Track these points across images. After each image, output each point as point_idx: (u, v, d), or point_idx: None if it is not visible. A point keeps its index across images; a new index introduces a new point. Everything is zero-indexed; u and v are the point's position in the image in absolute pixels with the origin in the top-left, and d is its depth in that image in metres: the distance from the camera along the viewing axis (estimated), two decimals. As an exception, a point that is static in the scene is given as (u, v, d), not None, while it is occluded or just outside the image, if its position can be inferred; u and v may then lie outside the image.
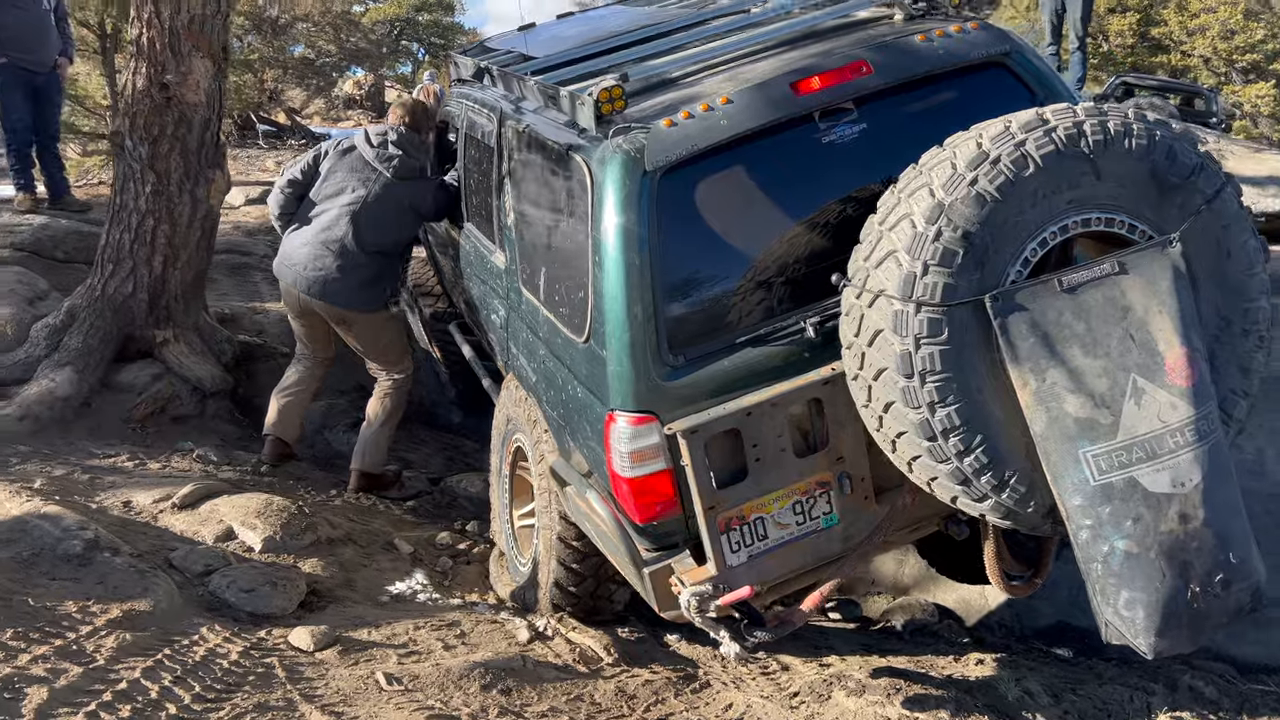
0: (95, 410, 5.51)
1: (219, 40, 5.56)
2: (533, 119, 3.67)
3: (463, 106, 4.90)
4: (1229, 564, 2.52)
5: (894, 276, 2.56)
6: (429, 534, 4.87)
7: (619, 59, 3.62)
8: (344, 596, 3.99)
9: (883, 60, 3.14)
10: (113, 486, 4.53)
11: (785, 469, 2.97)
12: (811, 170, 3.13)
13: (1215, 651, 4.32)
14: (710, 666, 3.70)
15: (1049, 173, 2.53)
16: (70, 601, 3.35)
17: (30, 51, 7.15)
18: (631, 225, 2.94)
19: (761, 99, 3.07)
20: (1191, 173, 2.60)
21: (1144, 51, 28.60)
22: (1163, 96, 16.14)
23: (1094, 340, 2.51)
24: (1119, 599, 2.51)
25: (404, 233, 5.07)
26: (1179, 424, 2.50)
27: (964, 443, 2.56)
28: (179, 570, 3.83)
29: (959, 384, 2.54)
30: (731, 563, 2.95)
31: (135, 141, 5.53)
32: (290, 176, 5.09)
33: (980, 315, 2.53)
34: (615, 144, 3.00)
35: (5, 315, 5.90)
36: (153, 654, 3.08)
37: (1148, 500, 2.48)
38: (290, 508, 4.39)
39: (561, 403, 3.49)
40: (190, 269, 5.89)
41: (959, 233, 2.51)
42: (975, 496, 2.64)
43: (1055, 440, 2.52)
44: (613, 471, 3.04)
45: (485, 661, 3.33)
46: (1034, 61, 3.25)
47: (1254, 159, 7.22)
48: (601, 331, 3.02)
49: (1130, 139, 2.55)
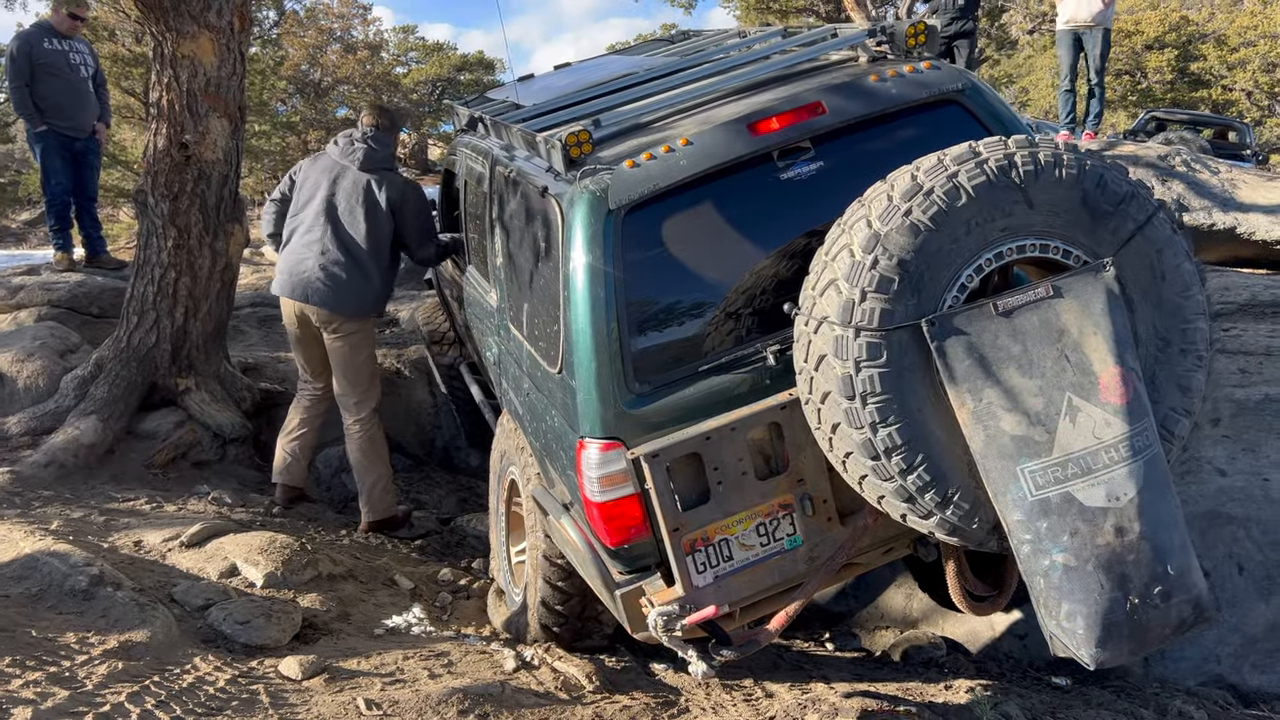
0: (119, 456, 5.72)
1: (235, 100, 5.83)
2: (517, 164, 3.85)
3: (462, 154, 5.12)
4: (1167, 575, 2.55)
5: (835, 303, 2.66)
6: (432, 571, 4.98)
7: (598, 105, 3.79)
8: (339, 629, 4.10)
9: (838, 101, 3.26)
10: (127, 527, 4.70)
11: (747, 491, 3.06)
12: (771, 206, 3.23)
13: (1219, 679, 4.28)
14: (693, 694, 3.73)
15: (981, 202, 2.62)
16: (71, 633, 3.50)
17: (69, 118, 7.54)
18: (597, 261, 3.08)
19: (720, 140, 3.20)
20: (1123, 200, 2.68)
21: (1184, 87, 28.46)
22: (1194, 130, 16.14)
23: (1030, 361, 2.59)
24: (1060, 611, 2.55)
25: (380, 230, 5.12)
26: (1113, 440, 2.56)
27: (906, 461, 2.63)
28: (180, 604, 3.97)
29: (899, 405, 2.62)
30: (698, 583, 3.03)
31: (157, 198, 5.80)
32: (274, 197, 5.41)
33: (918, 339, 2.62)
34: (582, 185, 3.15)
35: (37, 368, 6.18)
36: (141, 680, 3.21)
37: (1084, 514, 2.54)
38: (293, 545, 4.53)
39: (543, 432, 3.62)
40: (211, 319, 6.12)
41: (894, 261, 2.60)
42: (921, 513, 2.72)
43: (994, 458, 2.59)
44: (585, 497, 3.15)
45: (465, 688, 3.40)
46: (988, 98, 3.34)
47: (1266, 187, 7.18)
48: (571, 362, 3.15)
49: (1060, 168, 2.64)
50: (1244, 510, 4.52)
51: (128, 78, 11.28)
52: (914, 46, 3.48)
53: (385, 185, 5.14)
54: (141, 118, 12.51)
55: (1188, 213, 7.06)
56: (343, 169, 5.14)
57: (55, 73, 7.39)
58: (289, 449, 5.45)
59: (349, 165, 5.12)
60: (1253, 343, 5.32)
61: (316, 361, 5.42)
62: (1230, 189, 7.20)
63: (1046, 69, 28.42)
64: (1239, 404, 4.94)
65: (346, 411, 5.38)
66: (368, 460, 5.37)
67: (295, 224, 5.21)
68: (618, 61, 5.39)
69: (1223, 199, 7.11)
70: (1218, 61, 27.47)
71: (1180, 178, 7.26)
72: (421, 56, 33.86)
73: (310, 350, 5.38)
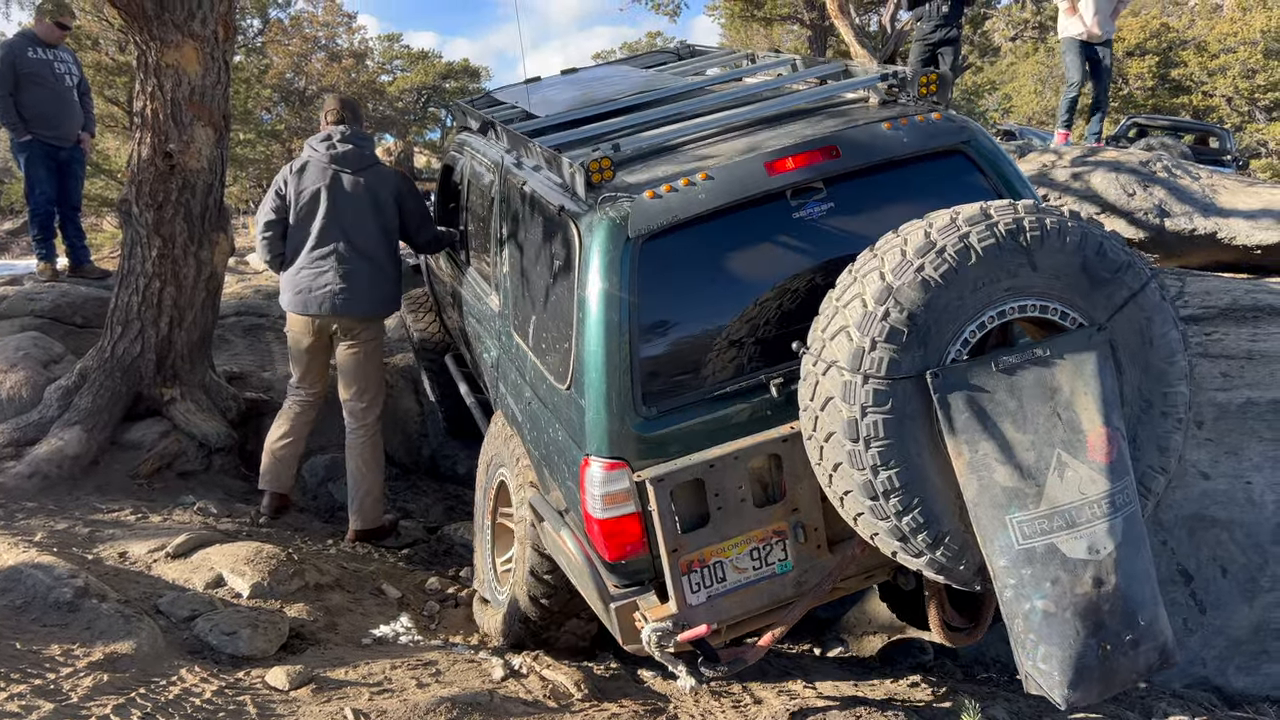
0: (104, 467, 5.69)
1: (219, 109, 5.81)
2: (531, 177, 3.89)
3: (467, 154, 5.18)
4: (1138, 625, 2.71)
5: (845, 350, 2.76)
6: (419, 579, 4.97)
7: (615, 125, 3.88)
8: (326, 639, 4.08)
9: (852, 145, 3.38)
10: (112, 539, 4.68)
11: (744, 517, 3.17)
12: (782, 242, 3.35)
13: (1205, 681, 4.31)
14: (681, 701, 3.74)
15: (989, 263, 2.74)
16: (55, 645, 3.47)
17: (54, 127, 7.51)
18: (613, 287, 3.17)
19: (739, 177, 3.32)
20: (1119, 268, 2.82)
21: (1165, 93, 28.72)
22: (1175, 136, 16.28)
23: (1024, 417, 2.73)
24: (1037, 653, 2.69)
25: (388, 225, 5.19)
26: (1097, 497, 2.71)
27: (902, 503, 2.75)
28: (165, 615, 3.95)
29: (900, 450, 2.73)
30: (692, 602, 3.14)
31: (141, 208, 5.78)
32: (265, 220, 5.24)
33: (922, 389, 2.73)
34: (603, 211, 3.24)
35: (20, 378, 6.14)
36: (127, 692, 3.19)
37: (1066, 565, 2.68)
38: (280, 555, 4.51)
39: (543, 443, 3.68)
40: (196, 329, 6.10)
41: (905, 313, 2.71)
42: (912, 552, 2.83)
43: (985, 506, 2.72)
44: (586, 512, 3.24)
45: (453, 697, 3.40)
46: (991, 150, 3.48)
47: (1246, 192, 7.24)
48: (582, 382, 3.23)
49: (1064, 235, 2.77)
50: (1227, 513, 4.57)
51: (111, 86, 11.23)
52: (925, 95, 3.60)
53: (382, 181, 5.17)
54: (125, 127, 12.46)
55: (1169, 218, 7.12)
56: (335, 174, 5.11)
57: (40, 82, 7.36)
58: (278, 455, 5.42)
59: (341, 169, 5.09)
60: (1234, 347, 5.36)
61: (320, 370, 5.42)
62: (1211, 194, 7.26)
63: (1029, 75, 28.63)
64: (1221, 408, 4.98)
65: (354, 417, 5.37)
66: (367, 467, 5.35)
67: (300, 239, 5.15)
68: (627, 73, 5.42)
69: (1204, 204, 7.17)
70: (1198, 68, 27.75)
71: (1162, 183, 7.32)
72: (406, 64, 33.86)
73: (317, 360, 5.38)
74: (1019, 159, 7.96)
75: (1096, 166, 7.52)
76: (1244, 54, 26.77)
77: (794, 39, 25.82)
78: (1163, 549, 4.60)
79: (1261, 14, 26.52)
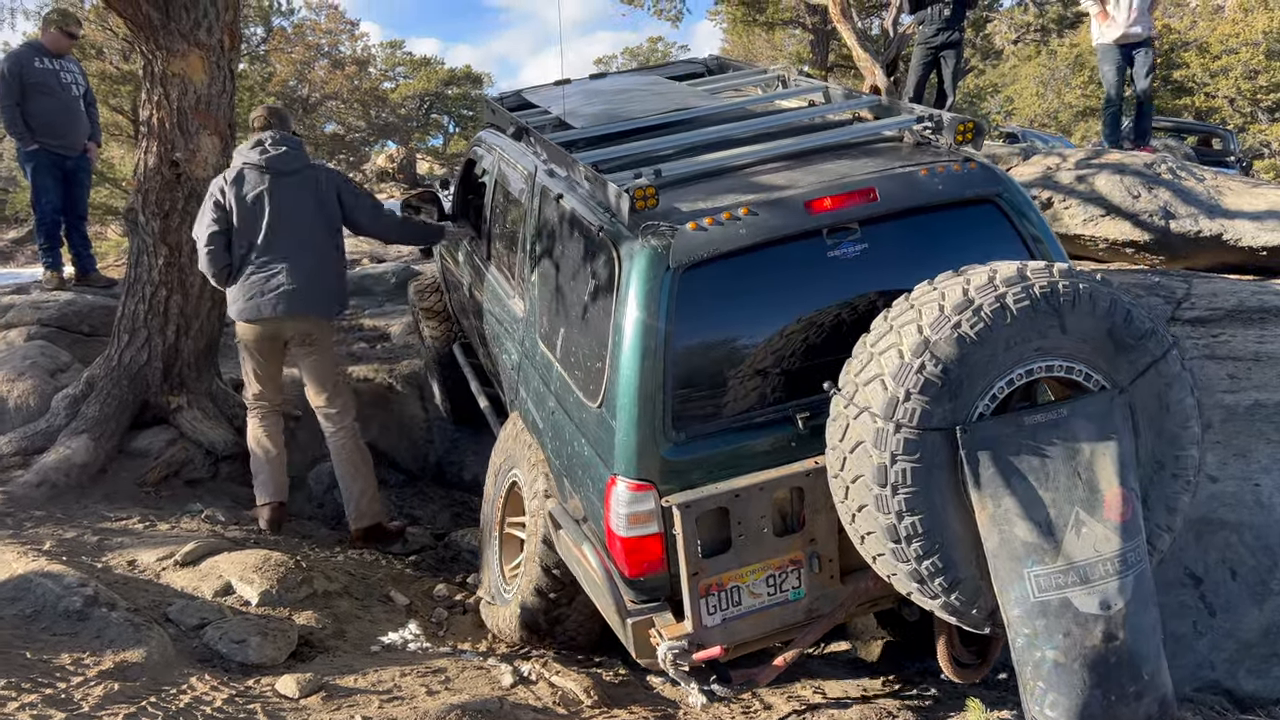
0: (111, 475, 5.70)
1: (225, 118, 5.83)
2: (568, 192, 3.92)
3: (496, 154, 5.18)
4: (1142, 679, 2.84)
5: (879, 397, 2.84)
6: (427, 586, 4.97)
7: (655, 146, 3.98)
8: (335, 647, 4.09)
9: (889, 189, 3.46)
10: (120, 547, 4.69)
11: (764, 546, 3.24)
12: (814, 279, 3.43)
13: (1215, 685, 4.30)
14: (690, 708, 3.73)
15: (1022, 324, 2.83)
16: (66, 654, 3.48)
17: (61, 137, 7.54)
18: (651, 316, 3.25)
19: (779, 213, 3.40)
20: (1144, 335, 2.92)
21: (1167, 95, 28.70)
22: (1179, 137, 16.27)
23: (1046, 475, 2.83)
24: (1045, 700, 2.82)
25: (334, 224, 5.21)
26: (1111, 555, 2.82)
27: (924, 549, 2.84)
28: (175, 623, 3.96)
29: (925, 498, 2.82)
30: (707, 623, 3.21)
31: (148, 217, 5.80)
32: (209, 232, 5.12)
33: (950, 441, 2.82)
34: (645, 240, 3.31)
35: (28, 387, 6.16)
36: (138, 701, 3.20)
37: (1078, 619, 2.80)
38: (288, 562, 4.51)
39: (566, 454, 3.73)
40: (203, 337, 6.11)
41: (940, 367, 2.80)
42: (929, 594, 2.92)
43: (1004, 559, 2.82)
44: (609, 528, 3.32)
45: (463, 704, 3.40)
46: (1020, 201, 3.57)
47: (1251, 194, 7.23)
48: (614, 403, 3.30)
49: (1095, 301, 2.87)
50: (1236, 515, 4.54)
51: (115, 95, 11.26)
52: (961, 142, 3.68)
53: (319, 179, 5.18)
54: (129, 135, 12.51)
55: (1174, 220, 7.12)
56: (273, 178, 5.08)
57: (47, 92, 7.40)
58: (265, 469, 5.39)
59: (278, 171, 5.07)
60: (1241, 348, 5.35)
61: (277, 378, 5.44)
62: (1216, 196, 7.24)
63: (1031, 78, 28.61)
64: (1229, 409, 4.96)
65: (330, 421, 5.35)
66: (353, 468, 5.34)
67: (245, 246, 5.11)
68: (659, 86, 5.43)
69: (1209, 206, 7.15)
70: (1200, 69, 27.71)
71: (1167, 185, 7.31)
72: (409, 71, 33.94)
73: (273, 366, 5.39)
74: (1024, 161, 7.95)
75: (1101, 169, 7.52)
76: (1246, 55, 26.73)
77: (796, 43, 25.84)
78: (1170, 551, 4.59)
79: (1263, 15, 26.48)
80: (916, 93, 9.95)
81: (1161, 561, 3.12)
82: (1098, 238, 7.29)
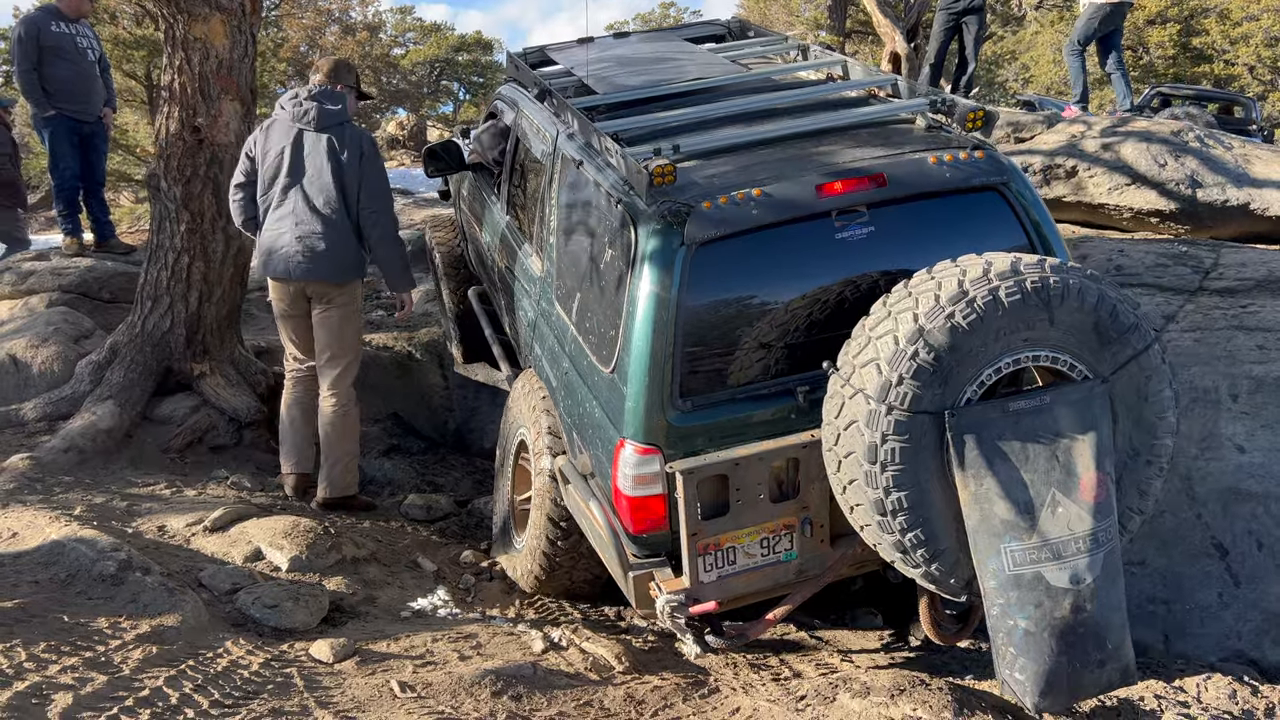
0: (136, 441, 5.73)
1: (246, 83, 5.80)
2: (588, 159, 3.96)
3: (516, 111, 5.19)
4: (1106, 649, 3.03)
5: (874, 380, 2.99)
6: (453, 553, 4.99)
7: (675, 118, 4.03)
8: (366, 612, 4.11)
9: (898, 174, 3.56)
10: (149, 512, 4.71)
11: (760, 510, 3.43)
12: (821, 259, 3.55)
13: (1240, 655, 4.31)
14: (722, 674, 3.76)
15: (1013, 315, 2.98)
16: (102, 618, 3.51)
17: (79, 102, 7.50)
18: (665, 289, 3.38)
19: (791, 195, 3.49)
20: (1128, 330, 3.08)
21: (1186, 62, 28.32)
22: (1200, 105, 16.06)
23: (1026, 458, 3.01)
24: (1015, 665, 3.02)
25: (350, 188, 5.01)
26: (1083, 533, 3.01)
27: (908, 523, 3.02)
28: (207, 588, 3.98)
29: (911, 475, 3.00)
30: (704, 580, 3.41)
31: (170, 183, 5.78)
32: (236, 182, 5.12)
33: (938, 424, 2.99)
34: (661, 215, 3.42)
35: (52, 353, 6.18)
36: (177, 664, 3.22)
37: (1049, 592, 2.99)
38: (316, 528, 4.54)
39: (577, 414, 3.89)
40: (225, 303, 6.11)
41: (932, 354, 2.95)
42: (910, 564, 3.12)
43: (984, 534, 3.01)
44: (616, 488, 3.48)
45: (497, 669, 3.42)
46: (1025, 191, 3.67)
47: (1278, 162, 7.14)
48: (625, 370, 3.44)
49: (1083, 296, 3.02)
50: (1262, 487, 4.53)
51: (129, 61, 11.18)
52: (971, 129, 3.75)
53: (346, 140, 5.01)
54: (143, 101, 12.47)
55: (1201, 189, 7.03)
56: (299, 132, 4.98)
57: (63, 56, 7.35)
58: (293, 436, 5.36)
59: (305, 128, 4.97)
60: (1270, 319, 5.30)
61: (307, 338, 5.29)
62: (1244, 164, 7.15)
63: (1048, 45, 28.27)
64: (1258, 380, 4.93)
65: (325, 381, 5.23)
66: (337, 434, 5.23)
67: (266, 201, 5.05)
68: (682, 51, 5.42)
69: (1236, 175, 7.07)
70: (1220, 36, 27.33)
71: (1194, 154, 7.22)
72: (419, 37, 33.66)
73: (300, 325, 5.26)
74: (1048, 129, 7.87)
75: (1127, 137, 7.42)
76: (1267, 21, 26.33)
77: (814, 9, 25.55)
78: (1196, 522, 4.58)
79: (1287, -20, 26.07)
80: (937, 59, 9.83)
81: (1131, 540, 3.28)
82: (1123, 206, 7.21)
